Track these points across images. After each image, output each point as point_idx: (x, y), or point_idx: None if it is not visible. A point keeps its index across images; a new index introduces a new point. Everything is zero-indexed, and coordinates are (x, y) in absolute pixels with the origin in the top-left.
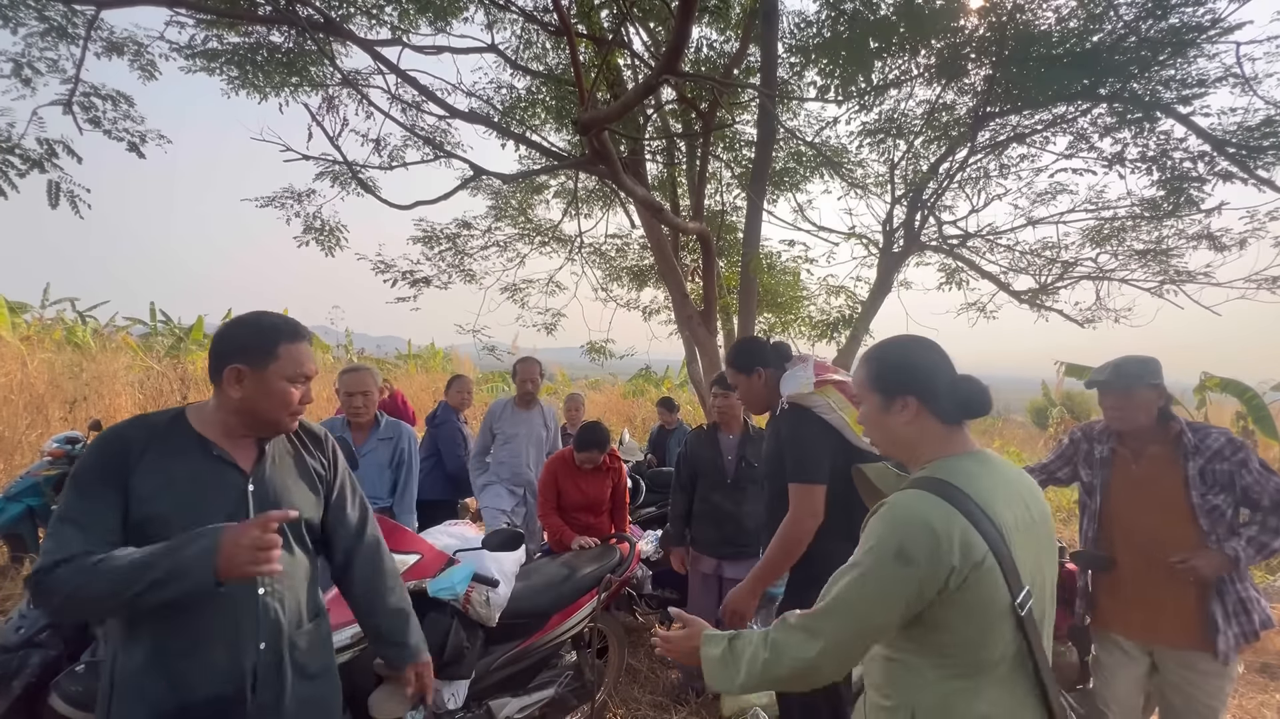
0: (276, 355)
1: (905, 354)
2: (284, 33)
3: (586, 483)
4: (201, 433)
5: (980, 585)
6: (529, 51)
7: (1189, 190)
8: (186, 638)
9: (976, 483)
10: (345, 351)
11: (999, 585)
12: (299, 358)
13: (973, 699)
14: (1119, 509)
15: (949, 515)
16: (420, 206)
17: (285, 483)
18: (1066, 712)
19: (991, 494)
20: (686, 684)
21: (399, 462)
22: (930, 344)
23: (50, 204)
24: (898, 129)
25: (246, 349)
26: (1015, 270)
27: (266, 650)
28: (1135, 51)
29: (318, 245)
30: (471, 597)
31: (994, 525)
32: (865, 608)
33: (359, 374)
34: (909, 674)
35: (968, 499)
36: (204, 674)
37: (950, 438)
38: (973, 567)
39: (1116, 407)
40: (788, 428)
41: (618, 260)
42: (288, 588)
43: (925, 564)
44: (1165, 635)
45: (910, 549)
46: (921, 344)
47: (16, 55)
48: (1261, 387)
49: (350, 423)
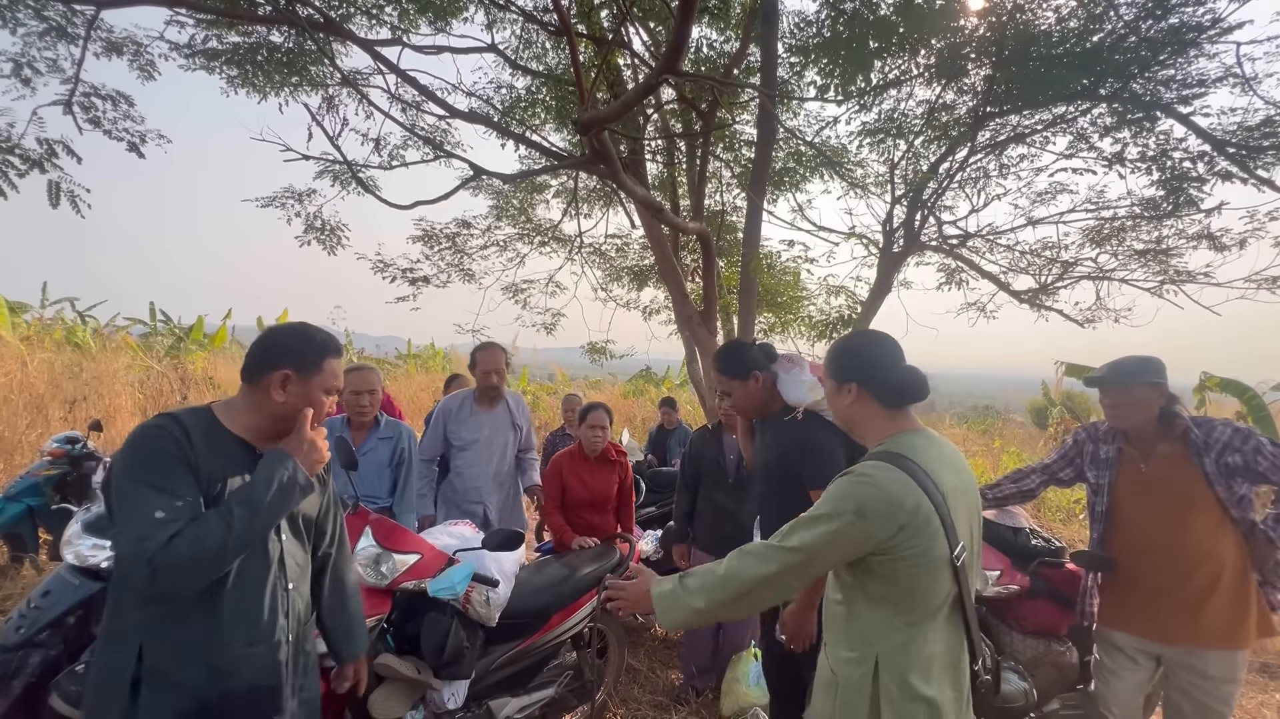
0: (321, 368)
1: (853, 347)
2: (284, 32)
3: (593, 478)
4: (238, 434)
5: (923, 536)
6: (529, 51)
7: (1189, 190)
8: (242, 629)
9: (923, 455)
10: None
11: (940, 538)
12: (337, 372)
13: (925, 642)
14: (1127, 509)
15: (903, 481)
16: (420, 206)
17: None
18: (980, 645)
19: (936, 464)
20: (687, 684)
21: (399, 461)
22: (880, 338)
23: (51, 204)
24: (898, 129)
25: (298, 357)
26: (1015, 270)
27: (293, 643)
28: (1135, 51)
29: (319, 245)
30: (471, 596)
31: (938, 490)
32: (821, 548)
33: (365, 373)
34: (869, 627)
35: (917, 468)
36: (250, 664)
37: (894, 418)
38: (923, 521)
39: (1114, 404)
40: (801, 434)
41: (618, 260)
42: (303, 585)
43: (877, 520)
44: (1177, 634)
45: (867, 507)
46: (870, 338)
47: (16, 55)
48: (1261, 387)
49: (350, 422)
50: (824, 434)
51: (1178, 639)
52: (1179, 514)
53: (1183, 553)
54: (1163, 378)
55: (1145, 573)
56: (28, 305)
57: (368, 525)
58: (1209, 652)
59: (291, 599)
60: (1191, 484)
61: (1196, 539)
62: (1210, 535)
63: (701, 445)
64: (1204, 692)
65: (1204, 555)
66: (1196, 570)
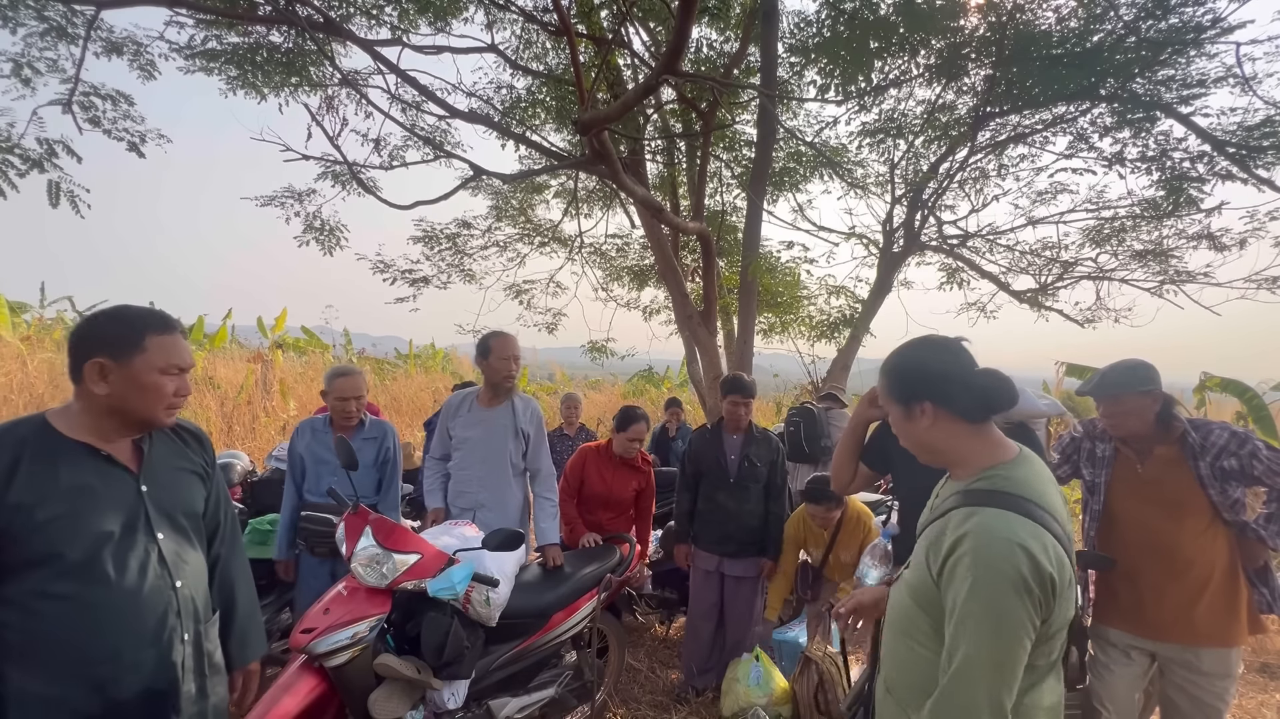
0: (143, 347)
1: (914, 359)
2: (284, 33)
3: (614, 478)
4: (76, 438)
5: (1065, 598)
6: (529, 51)
7: (1189, 190)
8: (122, 633)
9: (1038, 489)
10: (345, 352)
11: (1074, 597)
12: (169, 348)
13: (1042, 694)
14: (1122, 508)
15: (1039, 534)
16: (420, 206)
17: (177, 480)
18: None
19: (1052, 500)
20: (686, 684)
21: (384, 460)
22: (941, 343)
23: (51, 204)
24: (898, 129)
25: (109, 341)
26: (1015, 270)
27: (191, 643)
28: (1135, 51)
29: (318, 245)
30: (471, 596)
31: (1065, 533)
32: (1005, 652)
33: (354, 378)
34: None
35: (1043, 511)
36: (132, 673)
37: (984, 437)
38: (1067, 583)
39: (1108, 414)
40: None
41: (618, 260)
42: (198, 581)
43: (1038, 589)
44: (1170, 632)
45: (1025, 575)
46: (930, 344)
47: (16, 55)
48: (1261, 387)
49: (334, 424)
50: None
51: (1171, 637)
52: (1172, 516)
53: (1175, 554)
54: (1154, 383)
55: (1138, 572)
56: (27, 305)
57: (368, 525)
58: (1203, 649)
59: (182, 597)
60: (1186, 487)
61: (1189, 540)
62: (1202, 537)
63: (702, 445)
64: (1200, 688)
65: (1196, 556)
66: (1189, 571)
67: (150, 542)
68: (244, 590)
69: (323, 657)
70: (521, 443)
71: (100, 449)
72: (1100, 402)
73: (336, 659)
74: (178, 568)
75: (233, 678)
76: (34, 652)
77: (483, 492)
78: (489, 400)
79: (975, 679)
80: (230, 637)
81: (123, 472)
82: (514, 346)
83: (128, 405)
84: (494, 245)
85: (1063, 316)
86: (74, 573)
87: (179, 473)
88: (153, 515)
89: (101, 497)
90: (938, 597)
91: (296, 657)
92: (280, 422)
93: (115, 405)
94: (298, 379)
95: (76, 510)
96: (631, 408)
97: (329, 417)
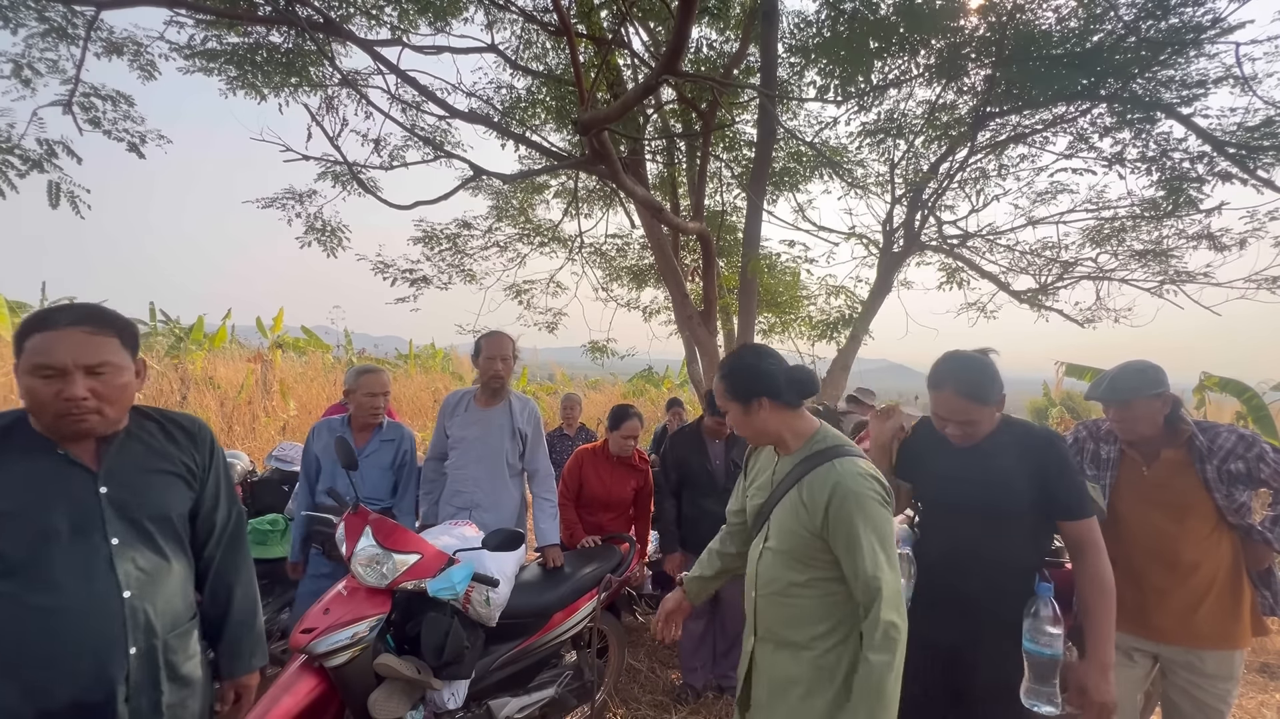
0: (24, 348)
1: (745, 365)
2: (283, 33)
3: (612, 478)
4: (44, 433)
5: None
6: (529, 51)
7: (1189, 190)
8: (43, 646)
9: (843, 438)
10: (345, 352)
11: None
12: (40, 348)
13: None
14: (1127, 510)
15: (869, 464)
16: (420, 206)
17: (144, 479)
18: None
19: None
20: (686, 684)
21: (400, 463)
22: (761, 349)
23: (50, 204)
24: (898, 129)
25: (15, 345)
26: (1015, 270)
27: (138, 656)
28: (1135, 51)
29: (319, 246)
30: (471, 596)
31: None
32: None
33: (380, 375)
34: (844, 601)
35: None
36: (67, 681)
37: (802, 417)
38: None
39: (1118, 419)
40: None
41: (618, 260)
42: (158, 590)
43: (887, 496)
44: (1173, 635)
45: (880, 493)
46: (753, 351)
47: (16, 56)
48: (1261, 387)
49: (353, 423)
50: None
51: (1175, 639)
52: (1177, 518)
53: (1179, 556)
54: (1165, 386)
55: (1142, 574)
56: (27, 305)
57: (367, 525)
58: (1206, 651)
59: (129, 607)
60: (1191, 490)
61: (1193, 543)
62: (1207, 540)
63: (684, 451)
64: (1202, 690)
65: (1200, 559)
66: (1193, 574)
67: (102, 546)
68: (240, 598)
69: (323, 657)
70: (519, 443)
71: (59, 445)
72: (1110, 406)
73: (336, 659)
74: (128, 576)
75: (223, 690)
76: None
77: (479, 491)
78: (486, 400)
79: (884, 566)
80: (220, 646)
81: (81, 471)
82: (502, 347)
83: (34, 412)
84: (494, 245)
85: (1063, 316)
86: (14, 573)
87: (152, 474)
88: (109, 518)
89: (53, 496)
90: (821, 545)
91: (296, 657)
92: (280, 422)
93: (34, 409)
94: (298, 379)
95: (24, 508)
96: (624, 406)
97: (348, 417)
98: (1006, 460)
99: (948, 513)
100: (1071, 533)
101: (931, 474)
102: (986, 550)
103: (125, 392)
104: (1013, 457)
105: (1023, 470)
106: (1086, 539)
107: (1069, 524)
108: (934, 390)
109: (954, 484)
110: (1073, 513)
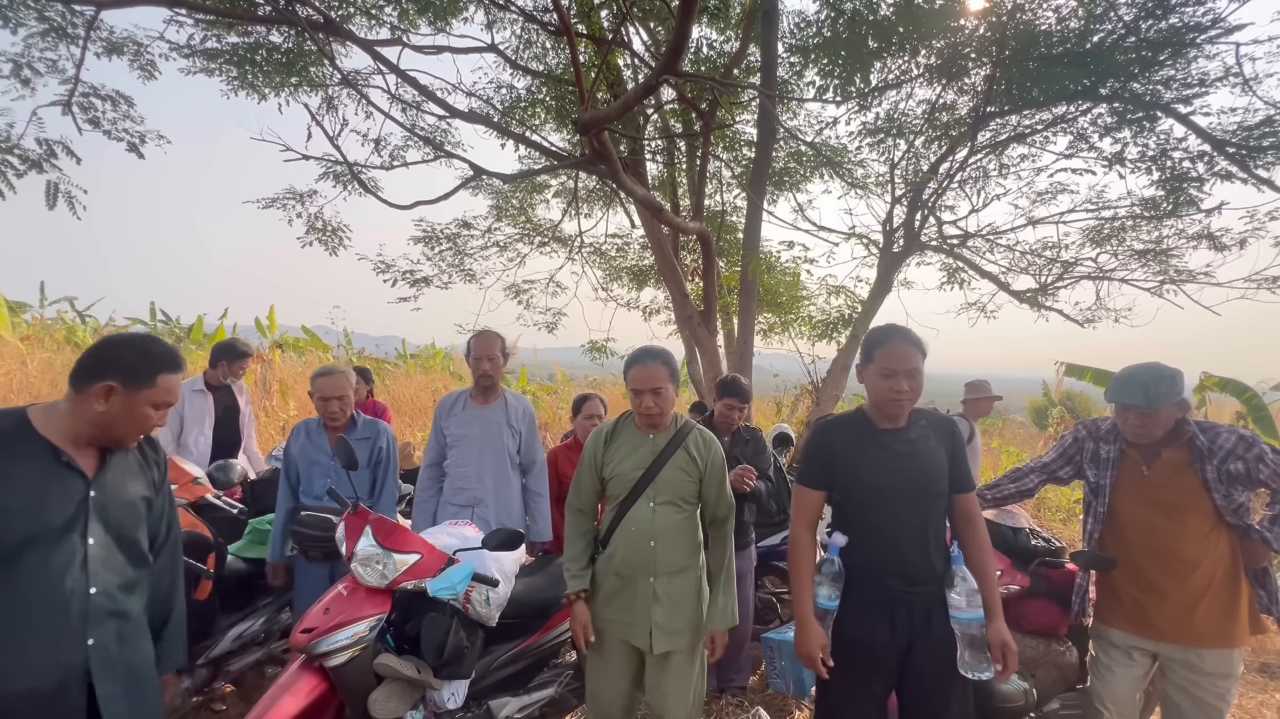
0: (154, 383)
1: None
2: (284, 33)
3: None
4: (47, 438)
5: None
6: (529, 51)
7: (1189, 190)
8: (8, 633)
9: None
10: (345, 351)
11: None
12: (171, 388)
13: None
14: (1126, 510)
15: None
16: (420, 206)
17: (126, 489)
18: None
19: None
20: None
21: (377, 460)
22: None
23: (48, 205)
24: (898, 129)
25: (127, 370)
26: (1015, 270)
27: (98, 647)
28: (1135, 51)
29: (321, 245)
30: (471, 596)
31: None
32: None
33: (334, 378)
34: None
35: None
36: (22, 668)
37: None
38: None
39: (1140, 423)
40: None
41: (618, 260)
42: (121, 590)
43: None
44: (1172, 633)
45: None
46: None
47: (16, 55)
48: (1261, 387)
49: (325, 425)
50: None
51: (1174, 638)
52: (1177, 519)
53: (1178, 556)
54: (1184, 391)
55: (1141, 573)
56: (27, 305)
57: (367, 525)
58: (1205, 649)
59: (94, 603)
60: (1190, 490)
61: (1192, 542)
62: (1206, 539)
63: None
64: (1201, 688)
65: (1199, 558)
66: (1191, 573)
67: (80, 545)
68: (179, 601)
69: (323, 656)
70: (516, 439)
71: (63, 452)
72: (1130, 410)
73: (336, 659)
74: (98, 574)
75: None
76: None
77: (482, 487)
78: (481, 399)
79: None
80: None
81: (76, 475)
82: (489, 347)
83: (114, 427)
84: (494, 245)
85: (1063, 316)
86: (3, 562)
87: (133, 483)
88: (91, 520)
89: (51, 496)
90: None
91: (296, 657)
92: (280, 421)
93: (103, 423)
94: (297, 379)
95: (26, 505)
96: (582, 394)
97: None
98: (928, 445)
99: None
100: (965, 505)
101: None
102: (931, 529)
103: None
104: (931, 441)
105: (942, 452)
106: (975, 510)
107: (963, 497)
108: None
109: (891, 473)
110: (967, 486)
